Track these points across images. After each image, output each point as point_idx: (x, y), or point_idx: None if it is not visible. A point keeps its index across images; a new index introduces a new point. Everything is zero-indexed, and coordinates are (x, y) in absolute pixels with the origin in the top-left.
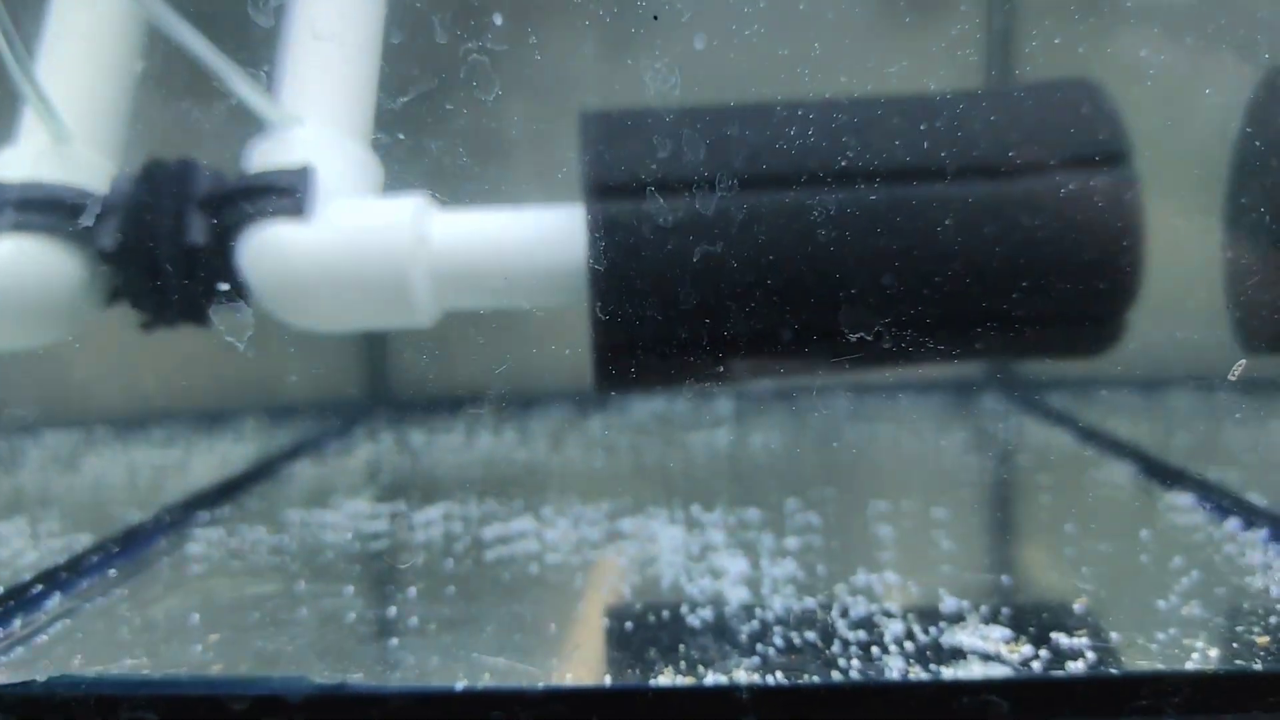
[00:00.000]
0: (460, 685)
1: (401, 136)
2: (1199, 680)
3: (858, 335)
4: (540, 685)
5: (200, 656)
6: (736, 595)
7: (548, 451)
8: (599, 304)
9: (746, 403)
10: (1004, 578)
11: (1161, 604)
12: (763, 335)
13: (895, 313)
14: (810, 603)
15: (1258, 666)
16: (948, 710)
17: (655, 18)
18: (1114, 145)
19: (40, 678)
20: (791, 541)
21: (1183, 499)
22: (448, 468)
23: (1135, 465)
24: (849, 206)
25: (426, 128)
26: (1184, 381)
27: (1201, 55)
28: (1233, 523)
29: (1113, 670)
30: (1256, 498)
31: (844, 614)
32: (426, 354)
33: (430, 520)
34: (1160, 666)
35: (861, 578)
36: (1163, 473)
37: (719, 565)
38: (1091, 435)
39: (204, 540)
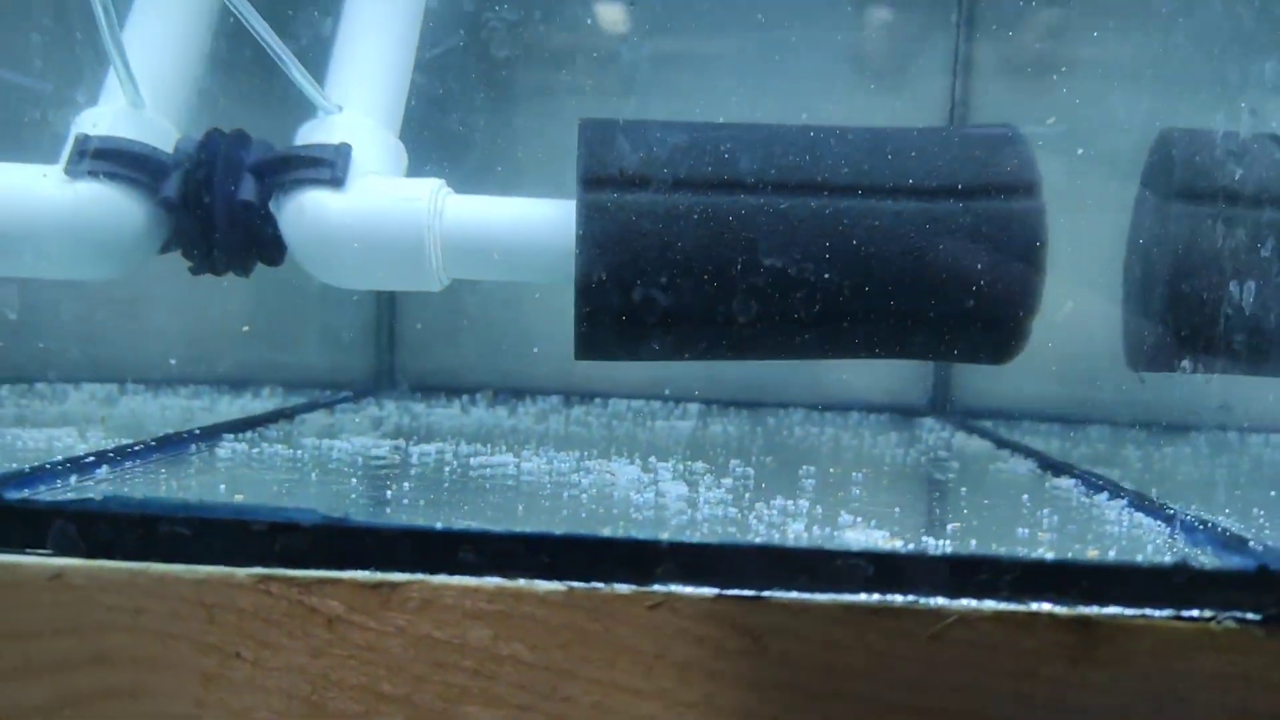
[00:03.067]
0: (439, 525)
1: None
2: (1026, 564)
3: (794, 322)
4: (501, 528)
5: None
6: (674, 505)
7: (532, 423)
8: (582, 280)
9: (711, 405)
10: (895, 509)
11: (1023, 531)
12: (722, 316)
13: (833, 306)
14: (732, 511)
15: (1078, 558)
16: (828, 569)
17: (632, 2)
18: (1027, 178)
19: (97, 497)
20: (726, 481)
21: (1066, 482)
22: (443, 426)
23: (1036, 462)
24: (799, 212)
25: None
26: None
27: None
28: (1103, 497)
29: (958, 553)
30: (1128, 485)
31: (758, 518)
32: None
33: (426, 452)
34: (1000, 555)
35: (779, 501)
36: (1055, 467)
37: (663, 489)
38: (1005, 444)
39: (230, 449)
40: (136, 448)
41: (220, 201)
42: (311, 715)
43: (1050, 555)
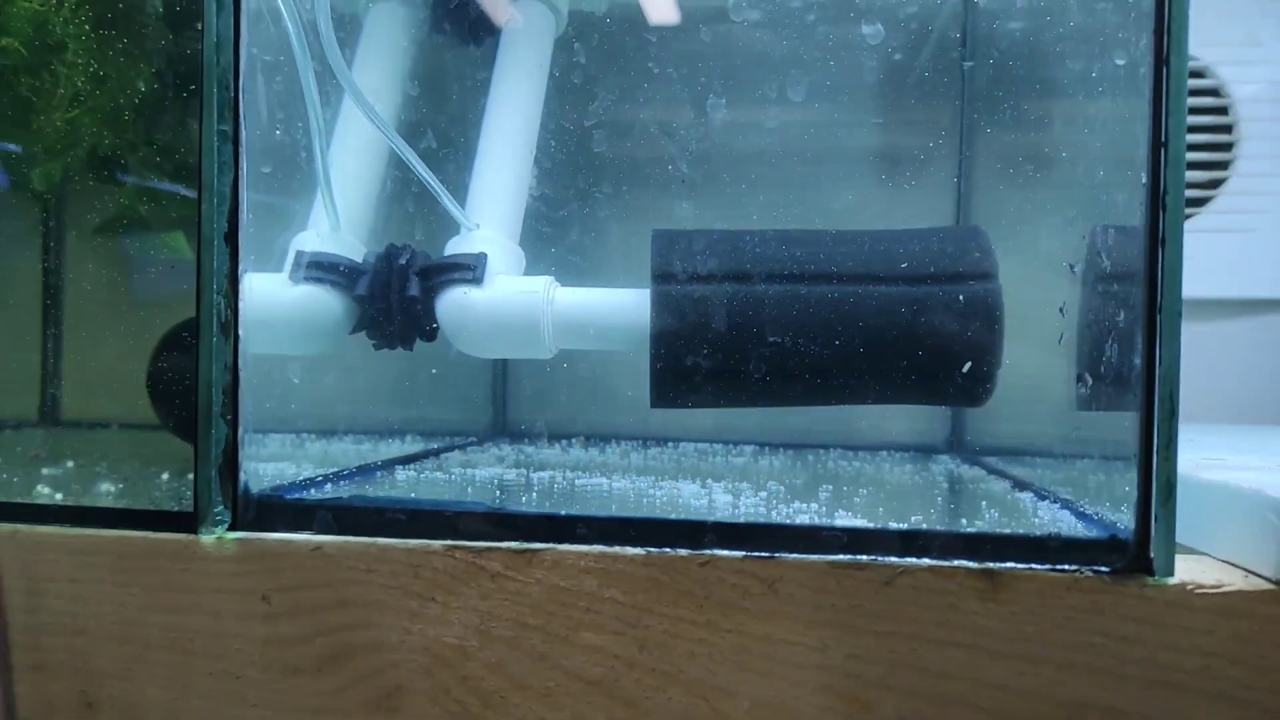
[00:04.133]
0: (563, 512)
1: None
2: (950, 534)
3: (812, 379)
4: (598, 513)
5: None
6: (721, 506)
7: (618, 459)
8: (654, 349)
9: (764, 447)
10: (880, 509)
11: (964, 520)
12: (759, 375)
13: (841, 367)
14: (761, 510)
15: (986, 530)
16: (816, 539)
17: (684, 181)
18: (987, 267)
19: (345, 496)
20: (762, 494)
21: (1024, 495)
22: (550, 462)
23: (1011, 483)
24: (814, 296)
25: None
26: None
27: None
28: (1044, 503)
29: (905, 529)
30: (1070, 496)
31: (778, 513)
32: (535, 403)
33: (542, 477)
34: (934, 529)
35: (797, 504)
36: (1022, 486)
37: (714, 498)
38: (995, 471)
39: (403, 475)
40: (345, 472)
41: (395, 297)
42: (480, 639)
43: (969, 529)
